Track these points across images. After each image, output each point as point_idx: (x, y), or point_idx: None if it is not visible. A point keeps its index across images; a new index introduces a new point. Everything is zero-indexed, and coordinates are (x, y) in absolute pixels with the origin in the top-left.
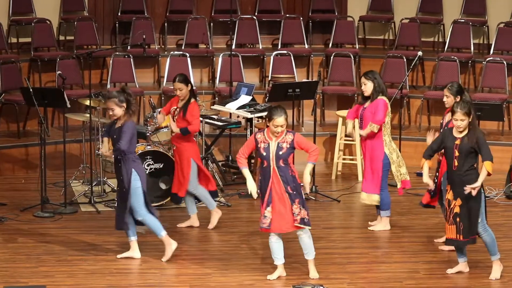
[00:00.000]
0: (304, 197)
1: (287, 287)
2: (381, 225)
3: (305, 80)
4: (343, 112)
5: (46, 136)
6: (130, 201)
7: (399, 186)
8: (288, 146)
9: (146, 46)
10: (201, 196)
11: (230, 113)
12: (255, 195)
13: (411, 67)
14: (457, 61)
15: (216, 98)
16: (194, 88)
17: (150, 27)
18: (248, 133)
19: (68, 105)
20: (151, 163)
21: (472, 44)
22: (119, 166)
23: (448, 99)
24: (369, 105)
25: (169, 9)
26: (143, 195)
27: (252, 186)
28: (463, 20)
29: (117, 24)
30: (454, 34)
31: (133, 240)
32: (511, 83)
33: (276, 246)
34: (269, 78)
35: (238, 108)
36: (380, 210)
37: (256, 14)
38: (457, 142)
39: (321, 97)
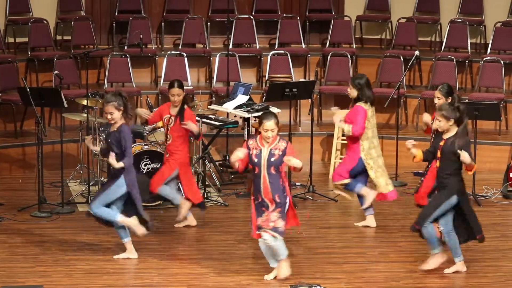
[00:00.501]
0: (285, 210)
1: (284, 287)
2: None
3: (302, 79)
4: (341, 112)
5: (43, 136)
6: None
7: (385, 191)
8: (280, 153)
9: (143, 46)
10: (166, 195)
11: (227, 113)
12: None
13: (408, 66)
14: (454, 60)
15: (213, 98)
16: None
17: (147, 26)
18: (245, 132)
19: (65, 105)
20: (148, 163)
21: (469, 43)
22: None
23: (440, 101)
24: (350, 109)
25: (166, 8)
26: (121, 200)
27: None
28: (460, 20)
29: (114, 24)
30: (451, 33)
31: (127, 241)
32: (508, 82)
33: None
34: (266, 78)
35: (235, 108)
36: (364, 208)
37: (253, 13)
38: (442, 143)
39: (318, 96)
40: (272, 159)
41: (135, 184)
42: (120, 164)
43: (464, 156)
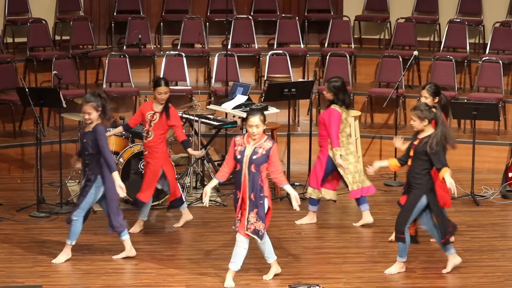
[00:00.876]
0: (265, 210)
1: (283, 287)
2: (308, 218)
3: (301, 79)
4: None
5: (42, 136)
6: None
7: (350, 188)
8: (264, 152)
9: (142, 46)
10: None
11: (226, 113)
12: (205, 202)
13: (407, 66)
14: (453, 60)
15: (212, 98)
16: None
17: (145, 27)
18: (244, 132)
19: (64, 105)
20: None
21: (468, 43)
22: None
23: (427, 100)
24: (324, 111)
25: (164, 8)
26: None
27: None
28: (458, 20)
29: (113, 24)
30: (450, 33)
31: (125, 238)
32: (507, 82)
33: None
34: (265, 78)
35: (234, 108)
36: (310, 204)
37: (251, 14)
38: (416, 142)
39: (316, 96)
40: (254, 157)
41: (113, 184)
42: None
43: (448, 180)
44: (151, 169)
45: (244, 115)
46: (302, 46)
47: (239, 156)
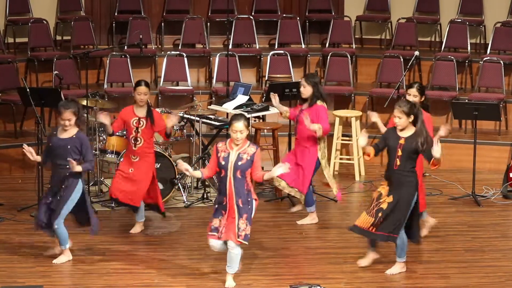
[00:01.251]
0: (252, 214)
1: (284, 287)
2: (309, 218)
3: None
4: (340, 112)
5: (43, 136)
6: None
7: (335, 191)
8: (248, 158)
9: (143, 46)
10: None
11: (227, 113)
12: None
13: (408, 67)
14: (454, 60)
15: (213, 98)
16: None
17: (147, 27)
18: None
19: None
20: None
21: (469, 43)
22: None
23: (416, 98)
24: (307, 109)
25: (165, 9)
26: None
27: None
28: (459, 20)
29: (114, 24)
30: (451, 33)
31: (68, 247)
32: (508, 82)
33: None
34: (266, 78)
35: (235, 108)
36: (306, 206)
37: (253, 14)
38: (401, 141)
39: None
40: (240, 163)
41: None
42: (80, 168)
43: (438, 151)
44: (144, 173)
45: (245, 115)
46: (303, 46)
47: (223, 162)
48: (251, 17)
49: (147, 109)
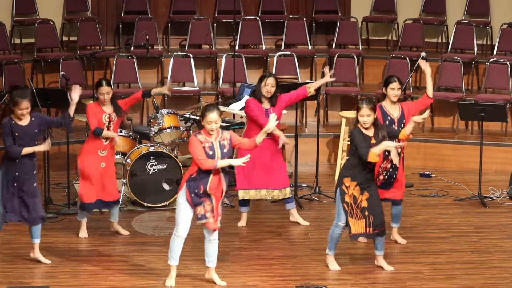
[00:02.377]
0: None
1: None
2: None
3: (308, 81)
4: (347, 113)
5: (49, 136)
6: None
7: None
8: (228, 143)
9: (150, 47)
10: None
11: (234, 114)
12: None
13: (414, 68)
14: (461, 62)
15: (220, 99)
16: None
17: (153, 27)
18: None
19: None
20: (154, 164)
21: (475, 45)
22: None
23: (398, 92)
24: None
25: (172, 9)
26: None
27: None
28: (466, 21)
29: (120, 25)
30: (458, 35)
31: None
32: None
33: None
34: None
35: (242, 109)
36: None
37: (259, 14)
38: (373, 141)
39: (324, 97)
40: (225, 151)
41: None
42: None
43: (409, 129)
44: (112, 168)
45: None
46: (309, 47)
47: (210, 152)
48: (258, 18)
49: (114, 104)
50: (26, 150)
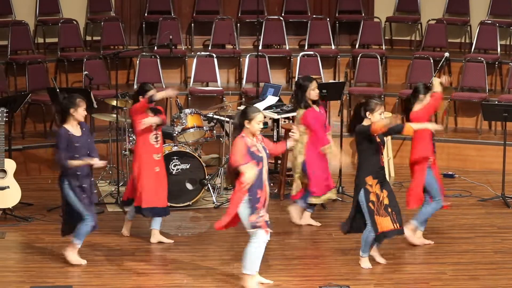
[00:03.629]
0: None
1: None
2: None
3: (331, 81)
4: None
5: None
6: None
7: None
8: (264, 146)
9: (173, 47)
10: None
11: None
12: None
13: (437, 68)
14: (484, 62)
15: (243, 99)
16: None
17: (176, 27)
18: (275, 133)
19: (95, 106)
20: (177, 163)
21: (499, 45)
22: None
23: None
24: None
25: (195, 9)
26: None
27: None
28: (490, 21)
29: (143, 25)
30: (481, 35)
31: None
32: None
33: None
34: (296, 79)
35: (265, 109)
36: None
37: (282, 14)
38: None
39: (347, 98)
40: (267, 152)
41: None
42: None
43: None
44: (165, 173)
45: (274, 116)
46: (333, 47)
47: (260, 155)
48: (281, 18)
49: (155, 109)
50: (80, 163)
